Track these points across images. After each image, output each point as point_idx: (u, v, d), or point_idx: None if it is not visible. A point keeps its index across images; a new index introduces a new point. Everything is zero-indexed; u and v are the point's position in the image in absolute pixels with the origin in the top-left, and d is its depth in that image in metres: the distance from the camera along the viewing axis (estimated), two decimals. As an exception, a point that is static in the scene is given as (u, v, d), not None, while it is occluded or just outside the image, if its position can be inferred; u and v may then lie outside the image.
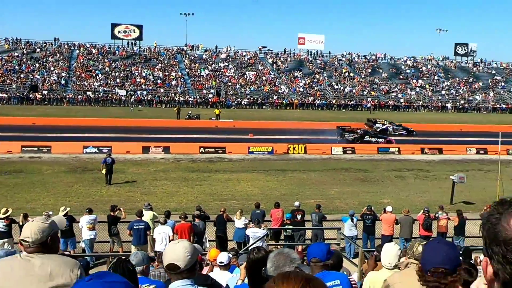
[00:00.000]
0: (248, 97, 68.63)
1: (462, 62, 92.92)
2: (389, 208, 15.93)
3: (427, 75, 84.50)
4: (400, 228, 15.56)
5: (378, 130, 43.78)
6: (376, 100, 72.11)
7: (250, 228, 14.13)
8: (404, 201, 21.51)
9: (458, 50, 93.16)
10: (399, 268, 4.03)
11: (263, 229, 14.03)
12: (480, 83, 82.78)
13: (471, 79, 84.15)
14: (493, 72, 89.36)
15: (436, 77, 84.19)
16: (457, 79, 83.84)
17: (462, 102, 75.92)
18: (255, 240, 13.08)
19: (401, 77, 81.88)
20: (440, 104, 74.32)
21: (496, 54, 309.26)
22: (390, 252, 4.50)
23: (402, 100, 73.81)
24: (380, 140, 38.98)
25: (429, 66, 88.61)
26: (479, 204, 20.40)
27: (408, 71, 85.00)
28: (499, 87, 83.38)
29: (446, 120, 56.47)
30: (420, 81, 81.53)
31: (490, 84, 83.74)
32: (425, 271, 2.76)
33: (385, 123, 46.14)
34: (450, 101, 75.68)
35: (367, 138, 39.34)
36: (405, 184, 25.65)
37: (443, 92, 78.95)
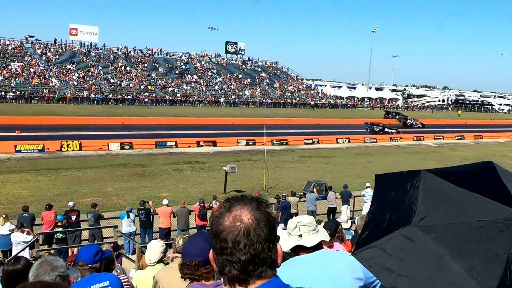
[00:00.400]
0: (13, 90, 62.34)
1: (232, 60, 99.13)
2: (164, 201, 16.24)
3: (201, 71, 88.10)
4: (177, 220, 15.98)
5: (408, 124, 61.14)
6: (154, 95, 72.46)
7: (14, 233, 12.91)
8: (182, 193, 22.14)
9: (228, 48, 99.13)
10: (167, 263, 4.11)
11: (26, 233, 12.89)
12: (249, 80, 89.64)
13: (240, 76, 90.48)
14: (259, 69, 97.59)
15: (209, 73, 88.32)
16: (228, 75, 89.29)
17: (233, 97, 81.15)
18: (23, 247, 12.02)
19: (177, 72, 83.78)
20: (213, 98, 78.20)
21: (261, 53, 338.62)
22: (151, 249, 4.56)
23: (178, 95, 75.61)
24: (393, 131, 51.24)
25: (203, 63, 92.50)
26: (248, 192, 22.06)
27: (183, 66, 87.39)
28: (265, 84, 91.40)
29: (219, 114, 59.66)
30: (195, 76, 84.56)
31: (257, 80, 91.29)
32: (183, 264, 2.87)
33: (412, 119, 62.94)
34: (223, 96, 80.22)
35: (386, 129, 51.96)
36: (183, 177, 26.34)
37: (216, 87, 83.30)
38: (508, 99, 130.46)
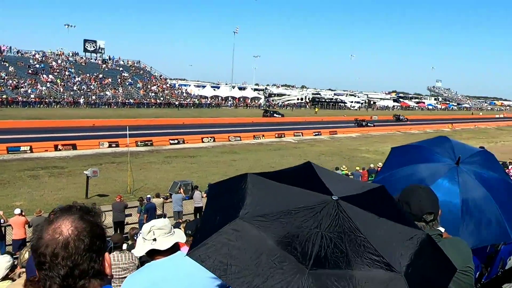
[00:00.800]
0: None
1: (91, 59, 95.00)
2: (17, 211, 15.10)
3: (58, 71, 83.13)
4: (32, 230, 14.94)
5: (400, 119, 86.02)
6: (4, 96, 66.78)
7: None
8: (39, 201, 20.84)
9: (87, 46, 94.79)
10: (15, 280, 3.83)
11: None
12: (110, 79, 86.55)
13: (101, 75, 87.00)
14: (121, 69, 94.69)
15: (67, 73, 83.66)
16: (88, 75, 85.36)
17: (94, 97, 77.78)
18: None
19: (30, 71, 78.06)
20: (72, 99, 74.22)
21: (123, 52, 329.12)
22: None
23: (32, 96, 70.51)
24: (371, 125, 68.72)
25: (60, 62, 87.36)
26: (112, 196, 21.42)
27: (37, 65, 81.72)
28: (127, 84, 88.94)
29: (79, 115, 56.94)
30: (50, 76, 79.49)
31: (119, 80, 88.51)
32: (27, 279, 2.72)
33: (401, 116, 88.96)
34: (82, 96, 76.48)
35: (368, 124, 68.80)
36: (40, 183, 24.71)
37: (75, 87, 79.14)
38: (358, 96, 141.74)
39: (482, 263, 3.95)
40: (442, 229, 2.63)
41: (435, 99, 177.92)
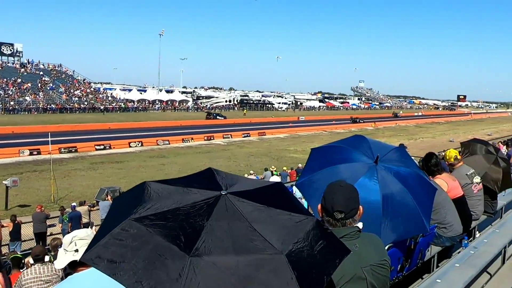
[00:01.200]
0: None
1: (8, 63, 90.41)
2: None
3: (-29, 75, 78.50)
4: None
5: (397, 116, 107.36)
6: None
7: None
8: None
9: (3, 50, 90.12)
10: None
11: None
12: (30, 84, 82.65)
13: (19, 80, 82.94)
14: (41, 73, 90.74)
15: (-19, 78, 79.15)
16: (5, 80, 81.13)
17: (12, 103, 74.08)
18: None
19: None
20: (-12, 106, 70.32)
21: (42, 56, 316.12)
22: None
23: None
24: (362, 121, 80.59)
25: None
26: (34, 206, 20.47)
27: None
28: (48, 88, 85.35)
29: (-3, 122, 54.00)
30: (-37, 81, 74.91)
31: (39, 85, 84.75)
32: None
33: (397, 113, 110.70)
34: (0, 102, 72.64)
35: (360, 121, 80.00)
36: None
37: (-10, 93, 75.01)
38: (285, 98, 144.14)
39: (403, 255, 4.12)
40: (360, 225, 2.69)
41: (358, 99, 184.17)
